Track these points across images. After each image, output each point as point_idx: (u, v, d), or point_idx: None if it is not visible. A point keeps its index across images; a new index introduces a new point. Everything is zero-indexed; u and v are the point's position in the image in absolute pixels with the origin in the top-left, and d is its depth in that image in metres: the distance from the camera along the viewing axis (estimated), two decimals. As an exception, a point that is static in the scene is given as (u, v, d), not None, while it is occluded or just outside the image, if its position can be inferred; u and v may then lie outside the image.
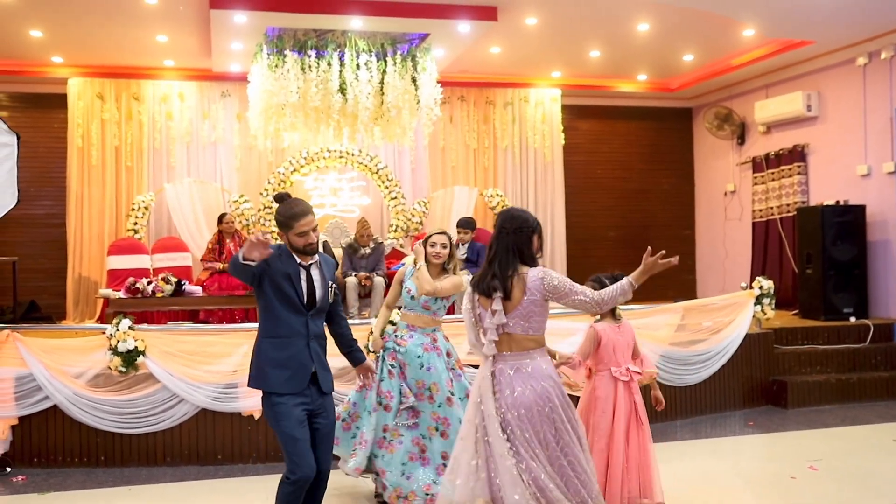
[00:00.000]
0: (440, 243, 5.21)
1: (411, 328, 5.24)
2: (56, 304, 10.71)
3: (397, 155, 11.68)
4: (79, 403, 6.24)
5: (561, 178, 12.37)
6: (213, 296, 9.21)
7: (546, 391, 3.74)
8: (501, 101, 12.26)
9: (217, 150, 11.36)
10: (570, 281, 3.81)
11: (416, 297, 5.19)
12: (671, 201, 13.35)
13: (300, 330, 4.00)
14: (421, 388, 5.11)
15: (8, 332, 6.39)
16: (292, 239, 4.01)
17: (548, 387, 3.75)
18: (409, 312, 5.28)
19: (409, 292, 5.22)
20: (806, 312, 9.81)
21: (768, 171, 11.54)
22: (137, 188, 11.05)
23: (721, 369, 7.89)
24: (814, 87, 10.75)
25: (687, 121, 13.47)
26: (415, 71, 9.16)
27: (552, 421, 3.72)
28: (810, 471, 5.92)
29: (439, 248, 5.19)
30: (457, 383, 5.20)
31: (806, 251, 9.92)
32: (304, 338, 4.00)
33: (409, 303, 5.24)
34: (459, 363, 5.33)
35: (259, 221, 10.71)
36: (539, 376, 3.77)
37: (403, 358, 5.17)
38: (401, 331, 5.28)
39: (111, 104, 11.04)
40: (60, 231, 10.95)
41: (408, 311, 5.28)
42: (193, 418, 6.38)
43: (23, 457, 6.31)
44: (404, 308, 5.32)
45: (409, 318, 5.27)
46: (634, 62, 11.48)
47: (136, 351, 6.27)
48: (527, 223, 3.90)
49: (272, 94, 8.82)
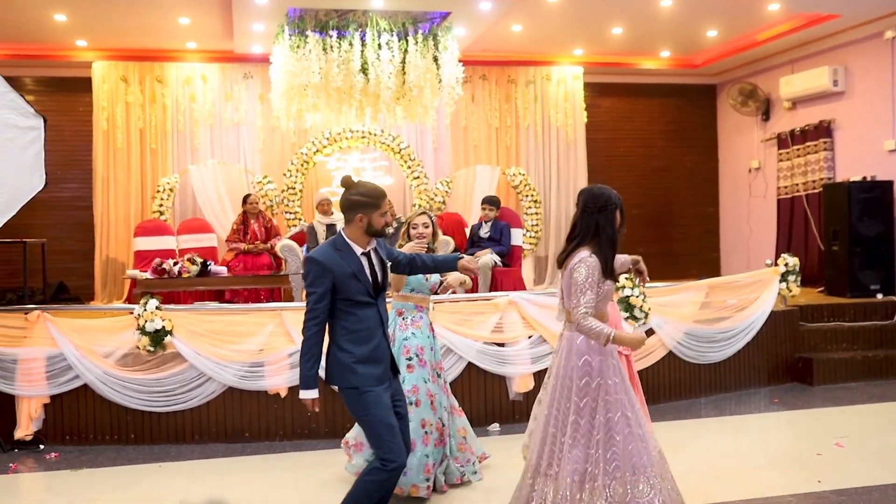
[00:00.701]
0: (422, 223, 5.15)
1: (419, 308, 5.16)
2: (84, 285, 10.86)
3: (419, 134, 11.67)
4: (108, 382, 6.34)
5: (584, 156, 12.32)
6: (238, 276, 9.31)
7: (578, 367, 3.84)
8: (523, 79, 12.21)
9: (240, 132, 11.41)
10: (588, 285, 3.81)
11: (428, 279, 5.12)
12: (694, 179, 13.28)
13: (376, 320, 3.93)
14: (438, 368, 5.20)
15: (39, 313, 6.49)
16: (375, 220, 3.92)
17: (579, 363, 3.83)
18: (416, 294, 5.15)
19: (428, 279, 5.15)
20: (832, 289, 9.74)
21: (794, 147, 11.44)
22: (162, 170, 11.14)
23: (746, 347, 7.87)
24: (840, 62, 10.62)
25: (711, 97, 13.36)
26: (436, 50, 9.14)
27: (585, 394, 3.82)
28: (836, 448, 5.90)
29: (421, 229, 5.12)
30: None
31: (832, 228, 9.84)
32: (380, 327, 3.95)
33: (422, 285, 5.12)
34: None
35: (283, 202, 10.77)
36: (575, 352, 3.86)
37: (420, 342, 5.06)
38: (409, 313, 5.13)
39: (135, 87, 11.11)
40: (87, 213, 11.07)
41: (416, 293, 5.15)
42: (220, 397, 6.47)
43: (55, 435, 6.42)
44: (410, 291, 5.14)
45: (417, 300, 5.16)
46: (657, 38, 11.39)
47: (163, 331, 6.35)
48: (610, 200, 4.00)
49: (294, 75, 8.84)
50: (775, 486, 5.14)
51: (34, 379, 6.35)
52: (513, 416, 6.86)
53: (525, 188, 11.66)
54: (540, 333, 6.86)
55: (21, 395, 6.35)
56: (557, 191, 12.15)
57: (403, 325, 5.09)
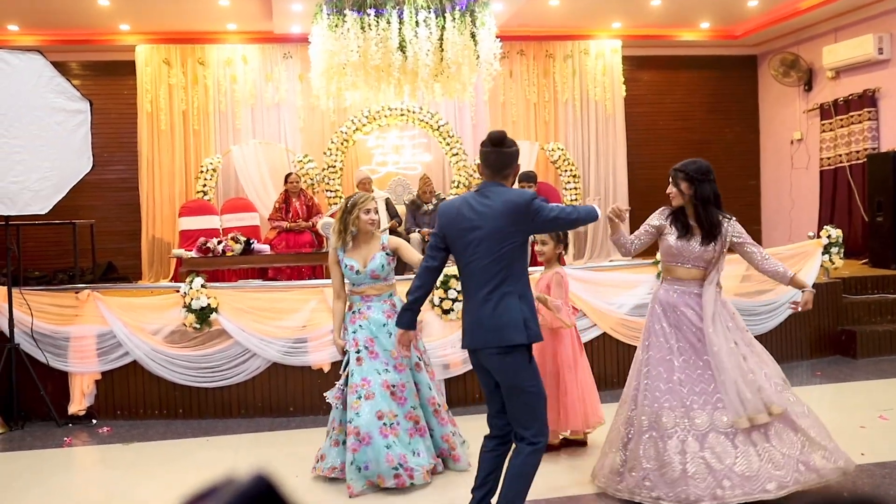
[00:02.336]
0: (373, 209, 4.86)
1: (366, 298, 4.90)
2: (132, 264, 11.09)
3: (458, 111, 11.69)
4: (156, 359, 6.51)
5: (622, 130, 12.25)
6: (281, 254, 9.44)
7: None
8: (561, 54, 12.15)
9: (280, 112, 11.52)
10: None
11: (361, 272, 4.84)
12: (735, 151, 13.13)
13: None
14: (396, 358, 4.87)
15: (89, 292, 6.67)
16: (511, 180, 3.84)
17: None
18: (359, 287, 4.92)
19: (353, 269, 4.84)
20: (876, 261, 9.62)
21: (837, 117, 11.26)
22: (205, 151, 11.31)
23: (788, 319, 7.81)
24: (885, 30, 10.41)
25: (751, 69, 13.18)
26: (474, 26, 9.12)
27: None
28: (881, 420, 5.86)
29: (373, 215, 4.85)
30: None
31: (876, 199, 9.69)
32: None
33: (357, 278, 4.87)
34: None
35: (323, 180, 10.88)
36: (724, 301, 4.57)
37: (368, 333, 4.83)
38: (356, 305, 4.91)
39: (177, 69, 11.27)
40: (133, 194, 11.28)
41: (357, 286, 4.92)
42: (265, 372, 6.60)
43: (106, 410, 6.62)
44: (352, 286, 4.95)
45: (362, 291, 4.92)
46: (697, 10, 11.25)
47: (208, 308, 6.49)
48: (711, 170, 4.61)
49: (333, 54, 8.88)
50: (816, 457, 5.12)
51: (86, 356, 6.54)
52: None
53: (564, 163, 11.64)
54: (580, 308, 6.89)
55: (74, 372, 6.55)
56: (596, 165, 12.11)
57: (353, 319, 4.89)
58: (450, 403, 6.50)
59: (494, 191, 3.70)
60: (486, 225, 3.64)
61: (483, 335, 3.65)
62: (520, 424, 3.68)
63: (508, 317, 3.60)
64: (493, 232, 3.63)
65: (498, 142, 3.76)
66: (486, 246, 3.64)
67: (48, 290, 6.93)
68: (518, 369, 3.64)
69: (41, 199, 6.51)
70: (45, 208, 6.54)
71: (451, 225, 3.75)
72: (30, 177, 6.44)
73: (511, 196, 3.66)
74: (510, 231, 3.63)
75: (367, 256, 4.84)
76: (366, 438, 4.63)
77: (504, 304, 3.61)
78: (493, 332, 3.62)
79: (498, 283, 3.63)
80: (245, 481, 0.70)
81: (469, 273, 3.72)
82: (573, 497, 4.58)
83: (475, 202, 3.70)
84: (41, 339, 6.54)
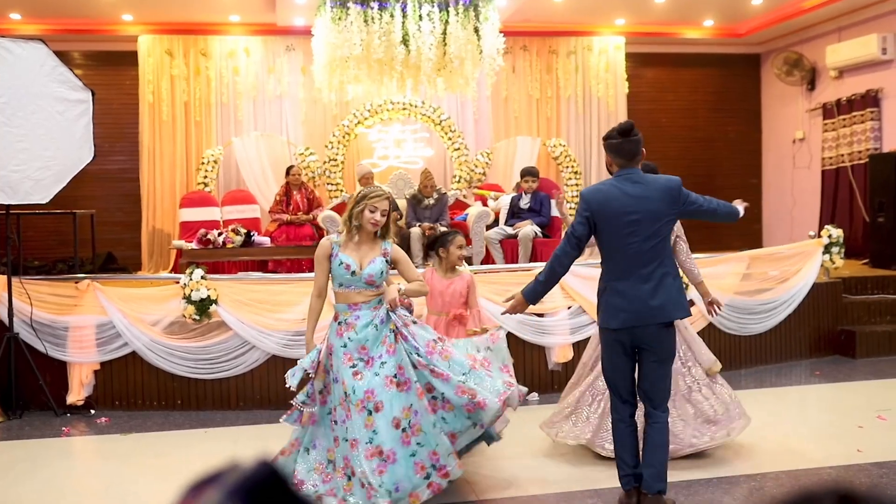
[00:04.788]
0: (381, 210, 4.33)
1: (354, 307, 4.32)
2: (132, 255, 11.07)
3: (460, 106, 11.67)
4: (156, 350, 6.51)
5: (625, 127, 12.20)
6: (281, 246, 9.44)
7: None
8: (564, 50, 12.13)
9: (282, 104, 11.50)
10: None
11: (357, 273, 4.31)
12: (738, 150, 13.12)
13: None
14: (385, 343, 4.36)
15: (89, 282, 6.67)
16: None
17: None
18: (346, 290, 4.35)
19: (348, 268, 4.31)
20: (876, 261, 9.61)
21: (839, 117, 11.25)
22: (206, 142, 11.29)
23: (787, 319, 7.82)
24: (889, 29, 10.39)
25: (755, 67, 13.16)
26: (477, 21, 9.12)
27: None
28: (879, 421, 5.86)
29: (379, 216, 4.32)
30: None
31: (878, 199, 9.68)
32: None
33: (349, 279, 4.32)
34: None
35: (324, 173, 10.87)
36: None
37: (357, 343, 4.28)
38: (343, 315, 4.34)
39: (180, 60, 11.25)
40: (134, 185, 11.27)
41: (345, 289, 4.35)
42: (264, 364, 6.61)
43: (105, 400, 6.63)
44: (339, 286, 4.37)
45: (349, 297, 4.35)
46: (701, 7, 11.24)
47: (208, 300, 6.49)
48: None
49: (336, 47, 8.88)
50: (815, 457, 5.14)
51: (85, 346, 6.54)
52: (551, 386, 6.92)
53: (566, 159, 11.63)
54: (579, 304, 6.90)
55: (72, 362, 6.55)
56: (598, 162, 12.09)
57: (339, 332, 4.33)
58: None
59: (642, 177, 4.04)
60: (643, 208, 3.94)
61: (648, 312, 3.96)
62: (659, 395, 4.08)
63: (669, 294, 3.98)
64: (650, 215, 3.94)
65: (626, 132, 4.08)
66: (644, 228, 3.94)
67: (48, 280, 6.93)
68: (672, 342, 4.11)
69: (42, 188, 6.50)
70: (45, 198, 6.53)
71: (603, 209, 4.00)
72: (31, 166, 6.43)
73: (662, 182, 4.03)
74: (665, 214, 3.97)
75: (366, 258, 4.34)
76: (390, 456, 4.15)
77: (664, 283, 3.97)
78: (657, 309, 3.96)
79: (657, 264, 3.97)
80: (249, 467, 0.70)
81: (624, 255, 3.98)
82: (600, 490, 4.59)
83: (626, 187, 4.00)
84: (40, 328, 6.54)
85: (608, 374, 4.20)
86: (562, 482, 4.76)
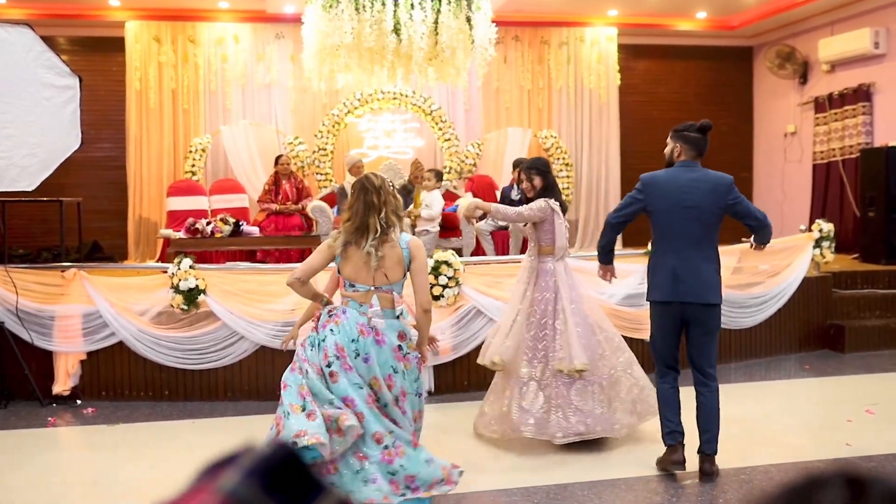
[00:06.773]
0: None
1: (344, 302, 4.16)
2: (118, 244, 10.95)
3: (451, 96, 11.61)
4: (143, 340, 6.44)
5: (616, 118, 12.20)
6: (270, 236, 9.37)
7: None
8: (556, 40, 12.08)
9: (272, 93, 11.41)
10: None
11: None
12: (729, 143, 13.09)
13: None
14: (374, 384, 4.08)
15: (75, 271, 6.60)
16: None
17: None
18: (350, 290, 4.15)
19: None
20: (867, 256, 9.62)
21: (831, 111, 11.25)
22: (194, 130, 11.19)
23: (777, 313, 7.82)
24: (882, 24, 10.38)
25: (747, 60, 13.14)
26: (469, 10, 9.05)
27: None
28: (867, 414, 5.87)
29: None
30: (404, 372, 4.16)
31: (868, 194, 9.68)
32: None
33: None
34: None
35: (314, 163, 10.80)
36: None
37: (336, 340, 4.03)
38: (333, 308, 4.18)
39: (167, 47, 11.14)
40: (121, 173, 11.16)
41: (350, 289, 4.15)
42: (253, 355, 6.55)
43: (91, 390, 6.56)
44: (346, 288, 4.19)
45: (349, 293, 4.16)
46: (694, -1, 11.21)
47: (197, 289, 6.43)
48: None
49: (326, 35, 8.80)
50: (805, 450, 5.16)
51: (71, 335, 6.47)
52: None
53: (557, 151, 11.59)
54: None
55: (58, 351, 6.48)
56: (589, 154, 12.07)
57: (325, 323, 4.12)
58: (438, 391, 6.50)
59: (701, 170, 4.58)
60: (699, 198, 4.48)
61: (697, 291, 4.48)
62: (709, 363, 4.59)
63: (711, 280, 4.52)
64: (704, 204, 4.47)
65: (706, 130, 4.59)
66: (697, 215, 4.46)
67: (33, 269, 6.85)
68: (718, 320, 4.63)
69: (28, 175, 6.43)
70: (31, 185, 6.46)
71: (661, 193, 4.55)
72: (17, 153, 6.36)
73: (715, 177, 4.55)
74: (716, 205, 4.49)
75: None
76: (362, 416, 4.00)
77: (707, 269, 4.52)
78: (701, 291, 4.48)
79: (704, 250, 4.51)
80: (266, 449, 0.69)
81: (677, 236, 4.52)
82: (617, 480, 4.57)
83: (685, 176, 4.53)
84: (26, 317, 6.46)
85: (657, 343, 4.70)
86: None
